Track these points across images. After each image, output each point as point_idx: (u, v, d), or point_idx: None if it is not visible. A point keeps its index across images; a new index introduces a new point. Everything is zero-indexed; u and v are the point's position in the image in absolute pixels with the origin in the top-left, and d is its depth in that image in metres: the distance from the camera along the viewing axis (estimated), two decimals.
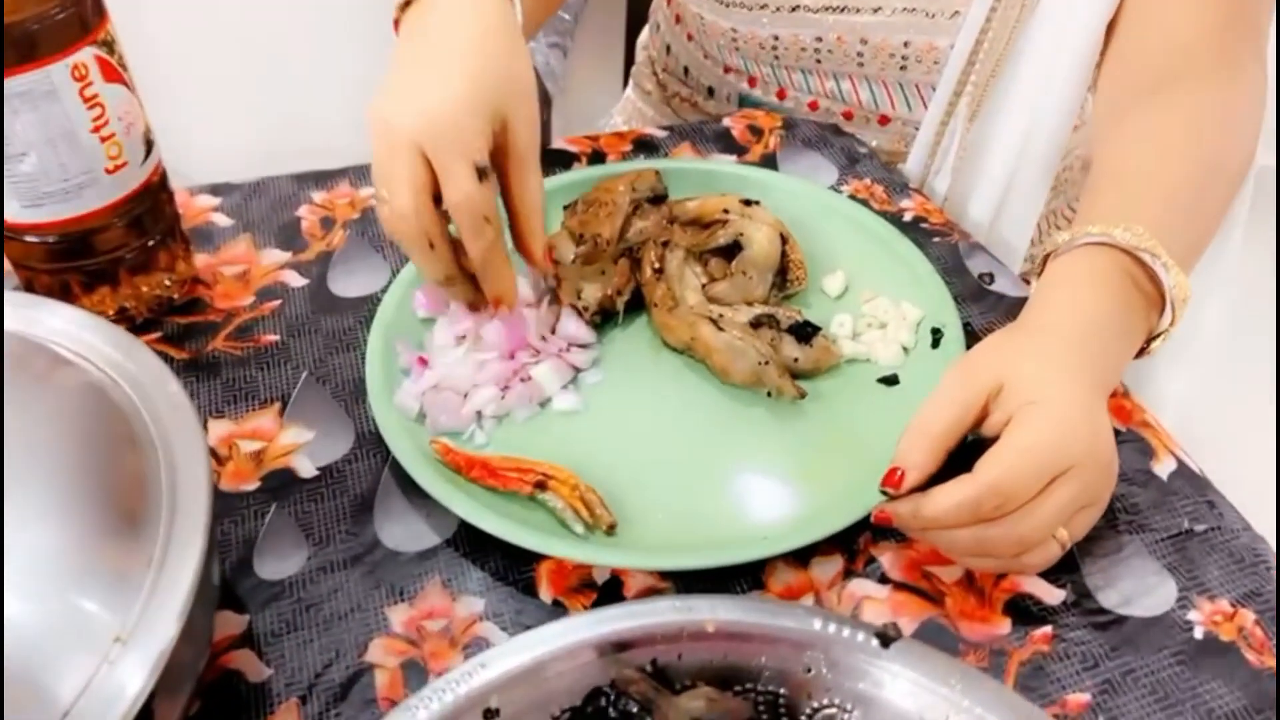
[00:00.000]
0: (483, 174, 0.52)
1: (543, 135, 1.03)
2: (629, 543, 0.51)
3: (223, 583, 0.50)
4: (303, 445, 0.56)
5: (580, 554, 0.50)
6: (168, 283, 0.63)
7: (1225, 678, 0.47)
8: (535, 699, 0.41)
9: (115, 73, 0.55)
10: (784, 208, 0.66)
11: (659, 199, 0.66)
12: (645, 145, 0.77)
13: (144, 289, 0.62)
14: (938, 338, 0.60)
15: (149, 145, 0.59)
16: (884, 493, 0.48)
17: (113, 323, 0.61)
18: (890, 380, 0.60)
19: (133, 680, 0.38)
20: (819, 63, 0.78)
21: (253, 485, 0.54)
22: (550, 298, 0.62)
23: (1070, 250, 0.55)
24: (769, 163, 0.76)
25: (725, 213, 0.64)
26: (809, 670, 0.42)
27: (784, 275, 0.64)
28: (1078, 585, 0.50)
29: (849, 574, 0.51)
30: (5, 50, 0.51)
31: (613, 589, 0.50)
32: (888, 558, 0.52)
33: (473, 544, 0.52)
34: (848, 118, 0.81)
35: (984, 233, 0.77)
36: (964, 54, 0.72)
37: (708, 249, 0.63)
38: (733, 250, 0.63)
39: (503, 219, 0.56)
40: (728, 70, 0.85)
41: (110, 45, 0.55)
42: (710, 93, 0.88)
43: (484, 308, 0.57)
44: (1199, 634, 0.49)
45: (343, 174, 0.74)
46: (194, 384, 0.60)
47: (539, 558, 0.51)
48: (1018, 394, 0.48)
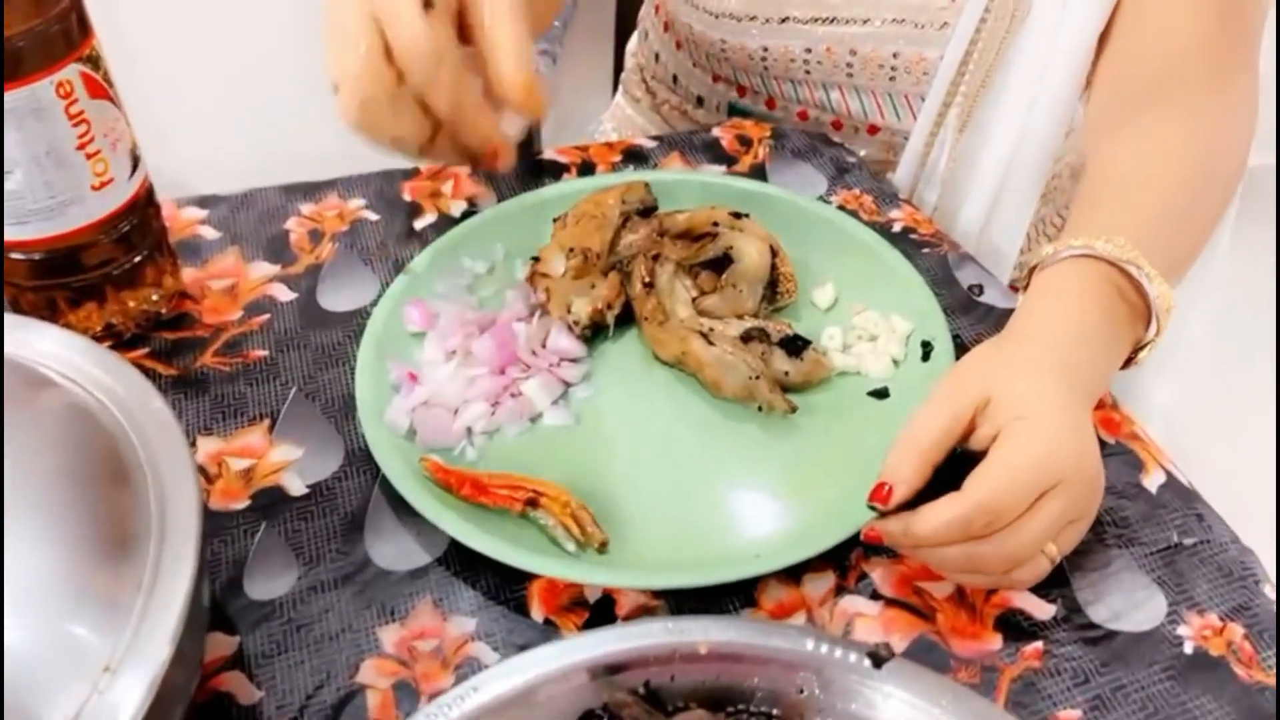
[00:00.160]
0: (428, 3, 0.47)
1: (533, 143, 1.04)
2: (621, 560, 0.51)
3: (213, 603, 0.50)
4: (292, 463, 0.56)
5: (572, 573, 0.50)
6: (155, 298, 0.63)
7: (1215, 693, 0.47)
8: None
9: (101, 89, 0.55)
10: (773, 219, 0.66)
11: (649, 211, 0.66)
12: (635, 155, 0.77)
13: (131, 304, 0.62)
14: (927, 351, 0.60)
15: (135, 161, 0.59)
16: (872, 508, 0.48)
17: (99, 339, 0.61)
18: (880, 393, 0.60)
19: (125, 706, 0.38)
20: (808, 73, 0.78)
21: (242, 504, 0.54)
22: (540, 312, 0.62)
23: (1055, 262, 0.55)
24: (758, 173, 0.76)
25: (715, 226, 0.64)
26: (802, 691, 0.42)
27: (774, 288, 0.64)
28: (1068, 600, 0.50)
29: (840, 590, 0.51)
30: None
31: (605, 607, 0.50)
32: (879, 573, 0.52)
33: (464, 562, 0.52)
34: (836, 127, 0.81)
35: (974, 242, 0.77)
36: (953, 65, 0.73)
37: (698, 262, 0.63)
38: (723, 263, 0.63)
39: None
40: (717, 79, 0.85)
41: (95, 61, 0.55)
42: (699, 101, 0.88)
43: (480, 166, 0.52)
44: (1189, 649, 0.49)
45: (331, 186, 0.74)
46: (182, 401, 0.59)
47: (531, 576, 0.51)
48: (1005, 408, 0.48)
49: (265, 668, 0.48)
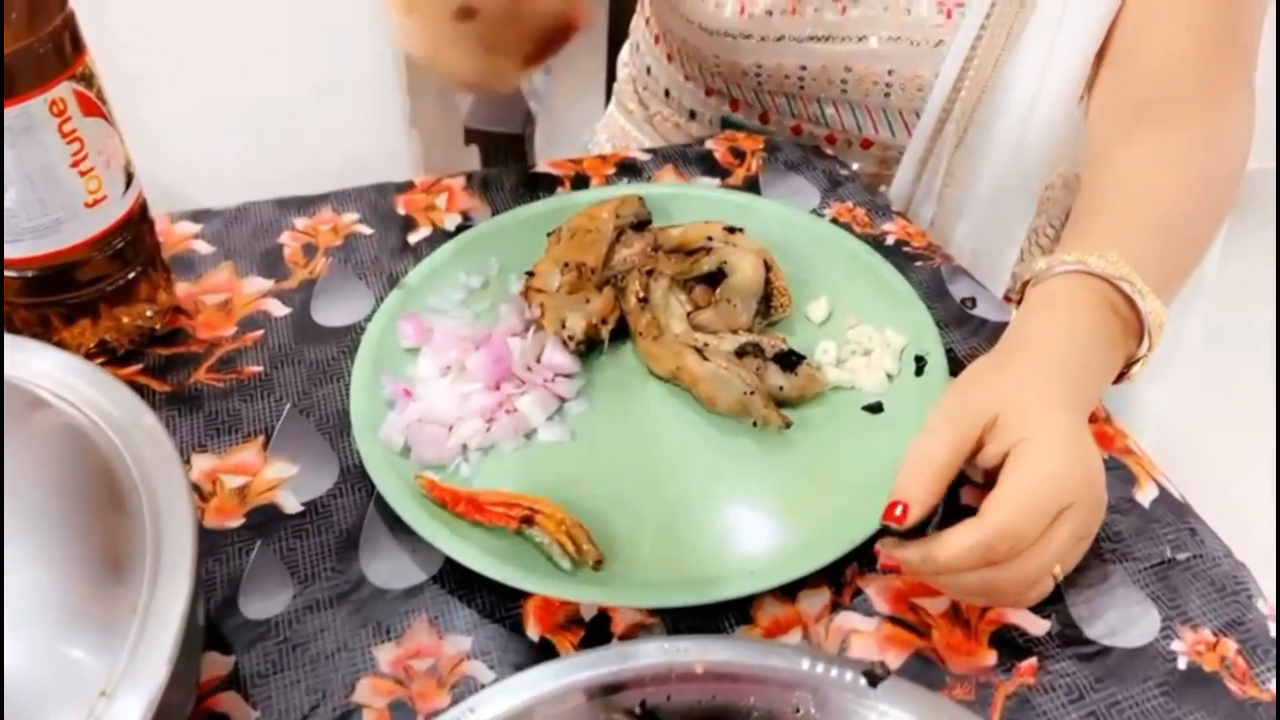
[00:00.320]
0: None
1: (527, 153, 1.03)
2: (616, 578, 0.51)
3: (208, 623, 0.50)
4: (287, 480, 0.56)
5: (567, 592, 0.50)
6: (149, 313, 0.63)
7: (1209, 709, 0.47)
8: None
9: (94, 106, 0.55)
10: (767, 232, 0.66)
11: (643, 225, 0.66)
12: (629, 168, 0.77)
13: (125, 320, 0.62)
14: (921, 365, 0.61)
15: (129, 177, 0.59)
16: (885, 527, 0.47)
17: (93, 356, 0.61)
18: (875, 408, 0.60)
19: None
20: (802, 89, 0.78)
21: (237, 522, 0.54)
22: (535, 327, 0.62)
23: (1050, 277, 0.55)
24: (751, 185, 0.76)
25: (709, 240, 0.64)
26: (798, 710, 0.42)
27: (768, 302, 0.64)
28: (1063, 616, 0.51)
29: (836, 607, 0.51)
30: None
31: (600, 625, 0.50)
32: (874, 589, 0.52)
33: (459, 580, 0.52)
34: (830, 141, 0.81)
35: (969, 255, 0.77)
36: (949, 81, 0.73)
37: (692, 277, 0.63)
38: (717, 277, 0.63)
39: None
40: (710, 93, 0.85)
41: (89, 79, 0.54)
42: (692, 115, 0.88)
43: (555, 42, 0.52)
44: (1182, 664, 0.49)
45: (325, 199, 0.74)
46: (176, 418, 0.59)
47: (526, 594, 0.51)
48: (1013, 427, 0.48)
49: (261, 688, 0.48)
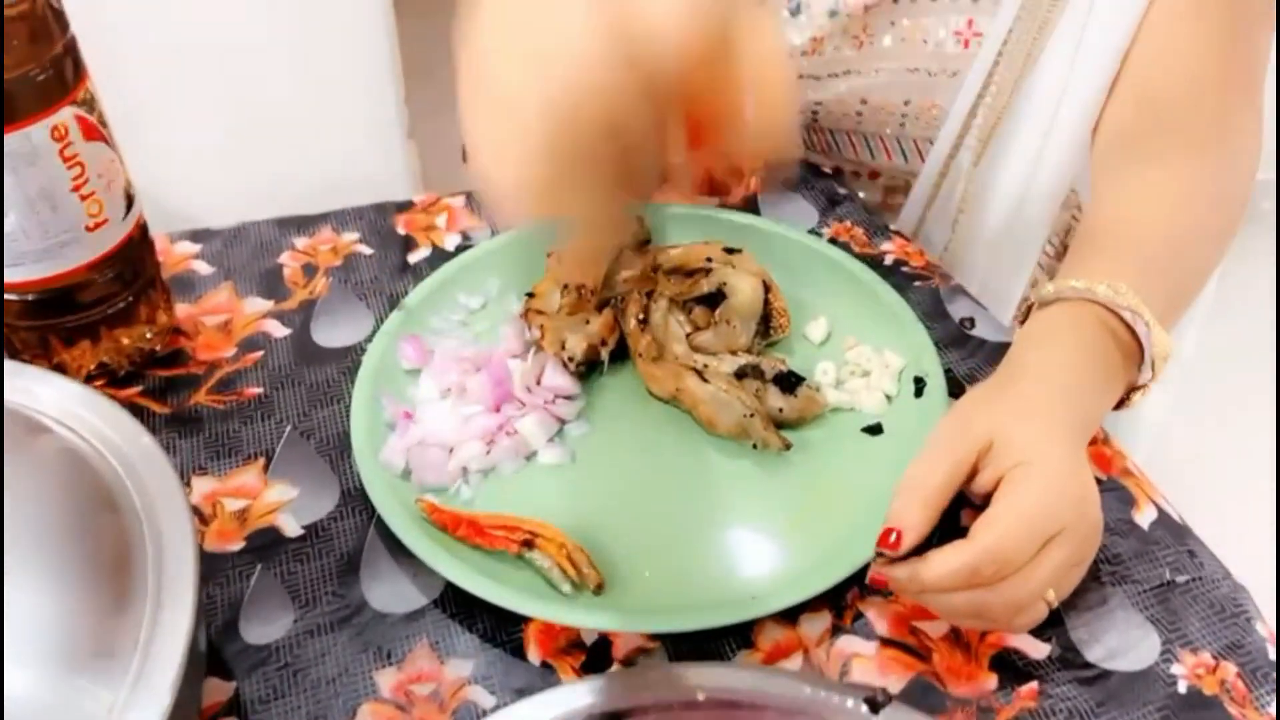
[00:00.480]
0: None
1: None
2: (617, 602, 0.51)
3: (209, 648, 0.50)
4: (287, 503, 0.56)
5: (568, 617, 0.50)
6: (149, 335, 0.63)
7: None
8: None
9: (95, 131, 0.55)
10: (766, 252, 0.67)
11: (642, 245, 0.67)
12: None
13: (125, 342, 0.62)
14: (920, 387, 0.61)
15: (129, 200, 0.59)
16: (879, 554, 0.48)
17: (93, 378, 0.61)
18: (874, 430, 0.60)
19: None
20: (816, 120, 0.78)
21: (237, 545, 0.54)
22: (535, 348, 0.62)
23: (1054, 302, 0.55)
24: (750, 205, 0.76)
25: (708, 261, 0.64)
26: None
27: (767, 323, 0.64)
28: (1063, 639, 0.51)
29: (837, 630, 0.51)
30: None
31: (602, 649, 0.50)
32: (875, 613, 0.52)
33: (460, 604, 0.52)
34: (837, 173, 0.81)
35: (979, 282, 0.77)
36: (964, 110, 0.72)
37: (691, 298, 0.63)
38: (716, 298, 0.63)
39: None
40: None
41: (90, 104, 0.55)
42: None
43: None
44: (1182, 688, 0.49)
45: (324, 219, 0.74)
46: (176, 440, 0.59)
47: (527, 618, 0.51)
48: (1007, 453, 0.48)
49: (262, 714, 0.48)
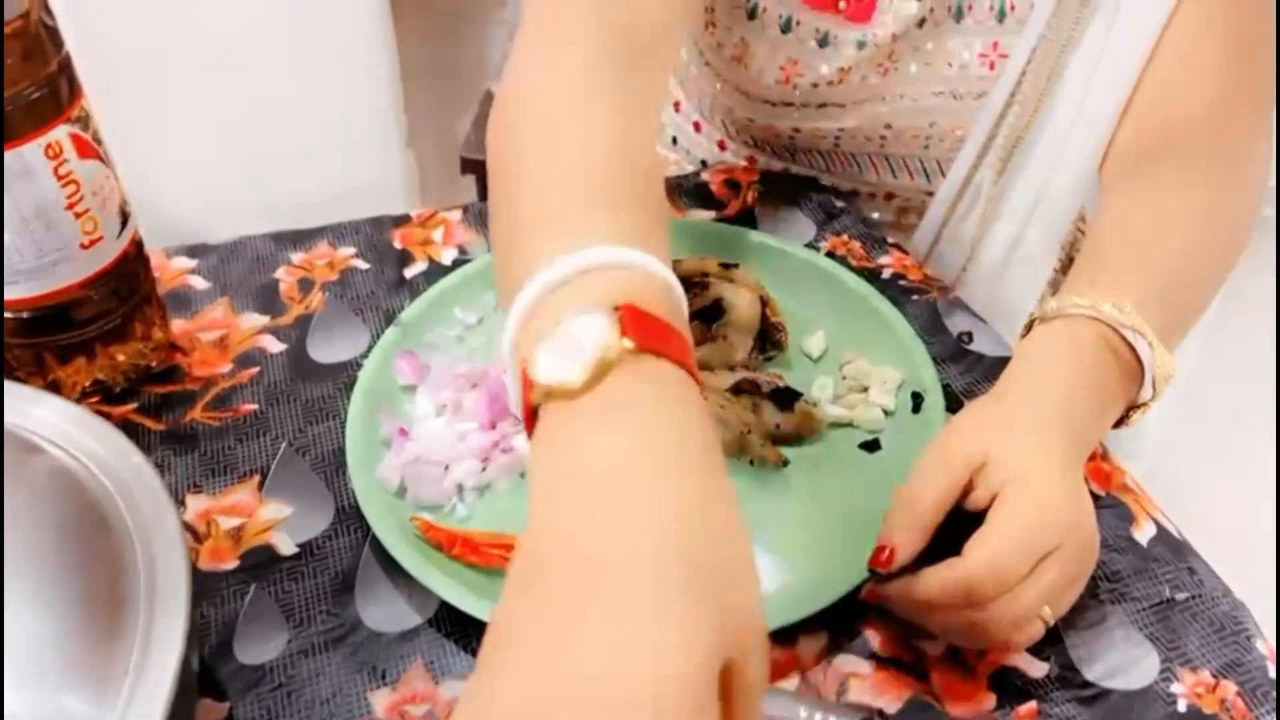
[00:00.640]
0: None
1: None
2: None
3: (203, 668, 0.50)
4: (282, 521, 0.56)
5: None
6: (144, 351, 0.63)
7: None
8: None
9: (90, 149, 0.55)
10: (763, 266, 0.67)
11: None
12: None
13: (120, 358, 0.62)
14: (918, 402, 0.60)
15: (124, 217, 0.59)
16: (872, 572, 0.48)
17: (89, 395, 0.61)
18: (872, 445, 0.60)
19: None
20: (838, 145, 0.77)
21: (231, 564, 0.54)
22: None
23: (1057, 318, 0.55)
24: (747, 218, 0.76)
25: (705, 276, 0.64)
26: None
27: (764, 338, 0.64)
28: (1061, 658, 0.50)
29: (834, 649, 0.51)
30: None
31: None
32: (872, 631, 0.51)
33: (455, 623, 0.51)
34: (853, 194, 0.80)
35: (993, 300, 0.76)
36: (985, 131, 0.71)
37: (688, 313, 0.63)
38: (713, 313, 0.63)
39: None
40: (724, 147, 0.84)
41: (85, 121, 0.54)
42: (704, 165, 0.86)
43: None
44: (1182, 707, 0.49)
45: (321, 233, 0.74)
46: (171, 457, 0.59)
47: None
48: (1001, 470, 0.48)
49: None
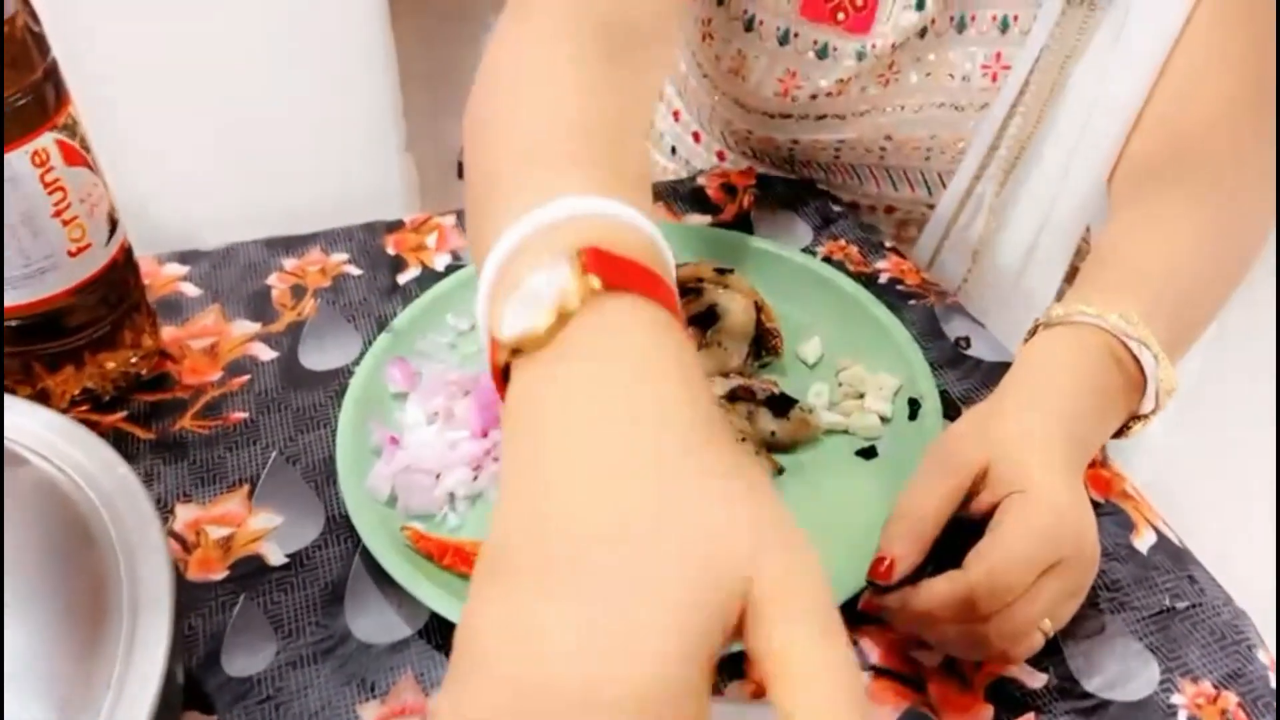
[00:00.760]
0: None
1: None
2: None
3: (190, 681, 0.49)
4: (272, 530, 0.55)
5: None
6: (134, 359, 0.62)
7: None
8: None
9: (77, 155, 0.54)
10: (759, 272, 0.66)
11: None
12: None
13: (110, 366, 0.61)
14: (915, 408, 0.60)
15: (113, 224, 0.58)
16: (871, 583, 0.47)
17: (78, 403, 0.60)
18: (868, 452, 0.59)
19: None
20: (837, 157, 0.76)
21: (220, 575, 0.53)
22: None
23: (1061, 324, 0.54)
24: (743, 222, 0.75)
25: (699, 282, 0.63)
26: None
27: (759, 344, 0.63)
28: (1060, 669, 0.50)
29: None
30: None
31: None
32: (868, 641, 0.51)
33: (445, 634, 0.51)
34: (853, 208, 0.80)
35: (996, 312, 0.75)
36: (986, 142, 0.71)
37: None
38: (707, 318, 0.62)
39: None
40: (723, 158, 0.83)
41: (72, 128, 0.54)
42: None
43: None
44: (1183, 718, 0.48)
45: (314, 239, 0.73)
46: (160, 466, 0.58)
47: None
48: (1004, 478, 0.47)
49: None
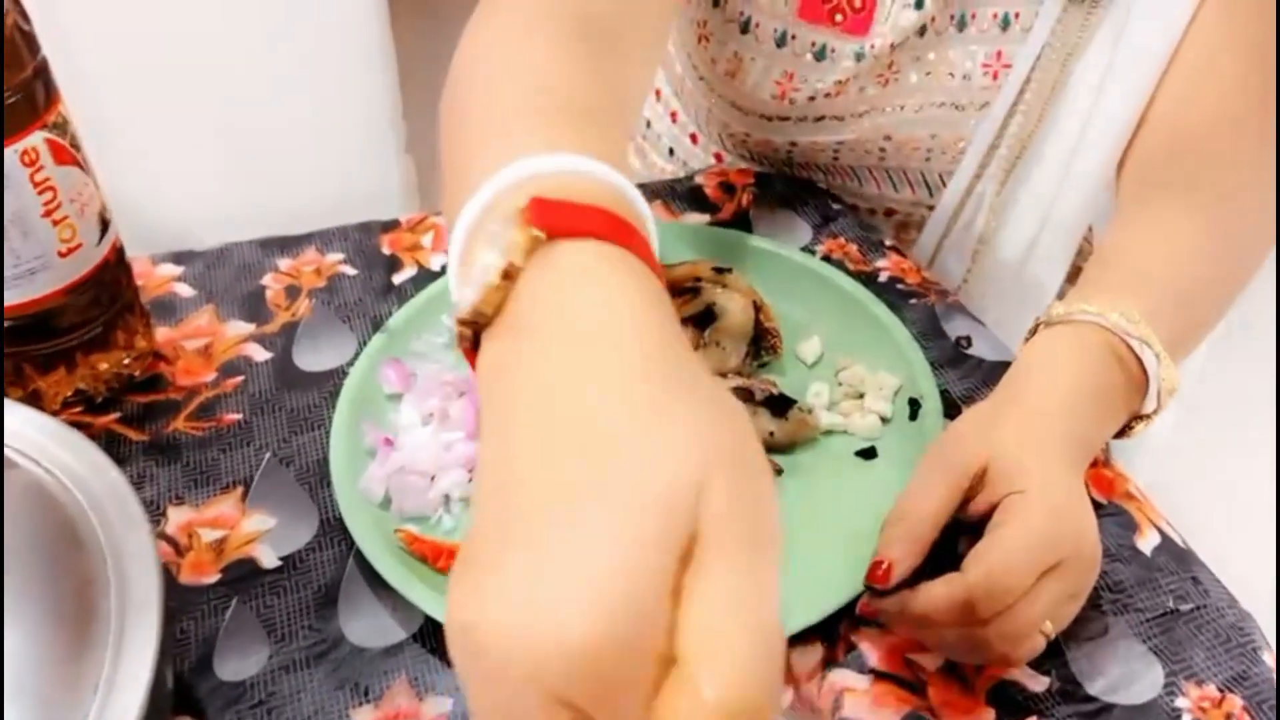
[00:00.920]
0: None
1: None
2: None
3: (182, 685, 0.49)
4: (265, 533, 0.55)
5: None
6: (126, 360, 0.62)
7: None
8: None
9: (67, 155, 0.54)
10: (757, 271, 0.65)
11: None
12: None
13: (102, 368, 0.61)
14: (915, 408, 0.59)
15: (104, 225, 0.58)
16: (869, 587, 0.46)
17: (70, 405, 0.60)
18: (868, 453, 0.58)
19: None
20: (836, 159, 0.76)
21: (213, 578, 0.53)
22: None
23: (1062, 323, 0.54)
24: (742, 221, 0.75)
25: (697, 281, 0.63)
26: None
27: (758, 343, 0.63)
28: (1063, 672, 0.49)
29: (829, 663, 0.50)
30: None
31: None
32: (868, 645, 0.50)
33: (440, 638, 0.50)
34: (852, 210, 0.79)
35: (997, 312, 0.75)
36: (986, 141, 0.70)
37: (679, 318, 0.62)
38: (705, 318, 0.62)
39: None
40: (720, 159, 0.83)
41: (62, 127, 0.53)
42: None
43: None
44: None
45: (309, 239, 0.73)
46: (153, 468, 0.58)
47: None
48: (1003, 479, 0.46)
49: None
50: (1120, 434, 0.53)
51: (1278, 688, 0.48)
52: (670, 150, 0.87)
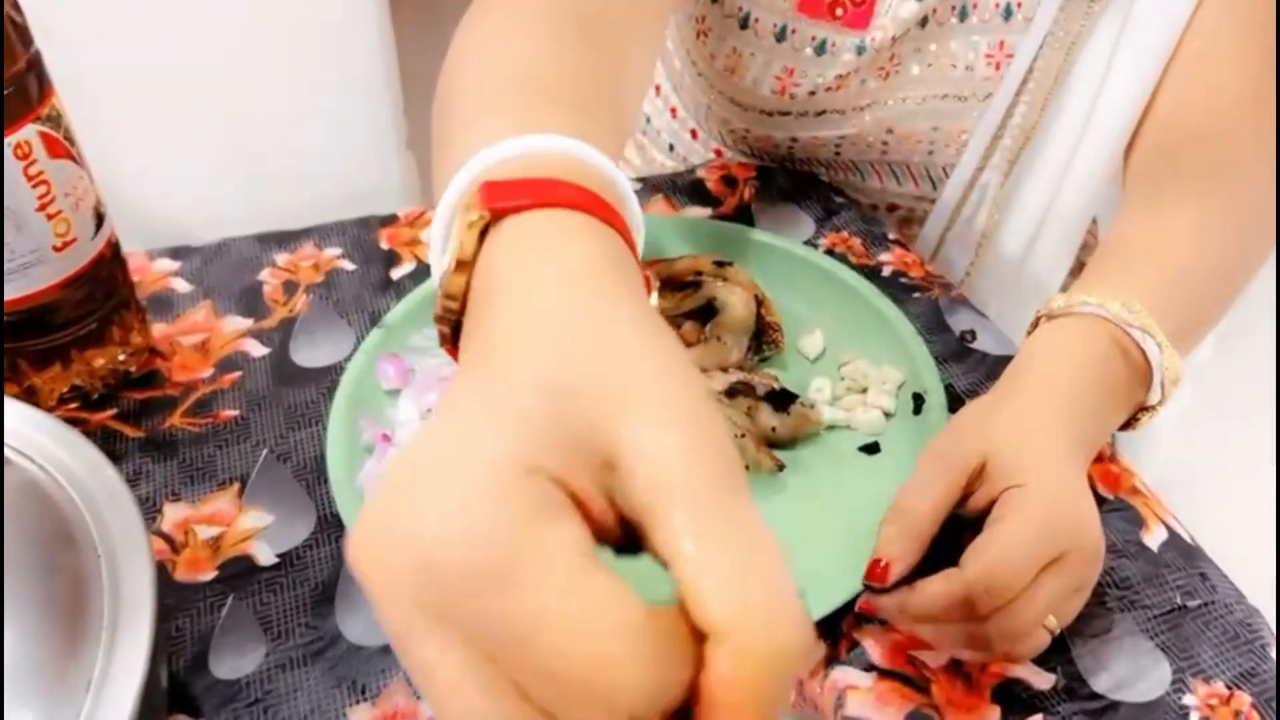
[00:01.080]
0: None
1: None
2: None
3: (178, 683, 0.48)
4: (262, 530, 0.54)
5: None
6: (122, 356, 0.61)
7: None
8: None
9: (61, 148, 0.53)
10: (759, 264, 0.65)
11: None
12: None
13: (98, 363, 0.60)
14: (919, 403, 0.59)
15: (99, 219, 0.57)
16: (868, 586, 0.46)
17: (66, 401, 0.59)
18: (871, 448, 0.58)
19: None
20: (838, 154, 0.75)
21: (209, 575, 0.52)
22: None
23: (1064, 315, 0.53)
24: (744, 214, 0.74)
25: (698, 275, 0.62)
26: None
27: (760, 338, 0.62)
28: (1068, 669, 0.48)
29: (832, 661, 0.49)
30: None
31: None
32: (871, 642, 0.50)
33: None
34: (854, 205, 0.78)
35: (1000, 304, 0.74)
36: (989, 132, 0.69)
37: (680, 313, 0.61)
38: (706, 313, 0.61)
39: None
40: (720, 155, 0.82)
41: (56, 120, 0.53)
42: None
43: None
44: (1195, 719, 0.47)
45: (307, 234, 0.72)
46: (149, 465, 0.57)
47: None
48: (1002, 473, 0.46)
49: None
50: (1125, 426, 0.52)
51: (1278, 684, 0.48)
52: (670, 146, 0.86)
